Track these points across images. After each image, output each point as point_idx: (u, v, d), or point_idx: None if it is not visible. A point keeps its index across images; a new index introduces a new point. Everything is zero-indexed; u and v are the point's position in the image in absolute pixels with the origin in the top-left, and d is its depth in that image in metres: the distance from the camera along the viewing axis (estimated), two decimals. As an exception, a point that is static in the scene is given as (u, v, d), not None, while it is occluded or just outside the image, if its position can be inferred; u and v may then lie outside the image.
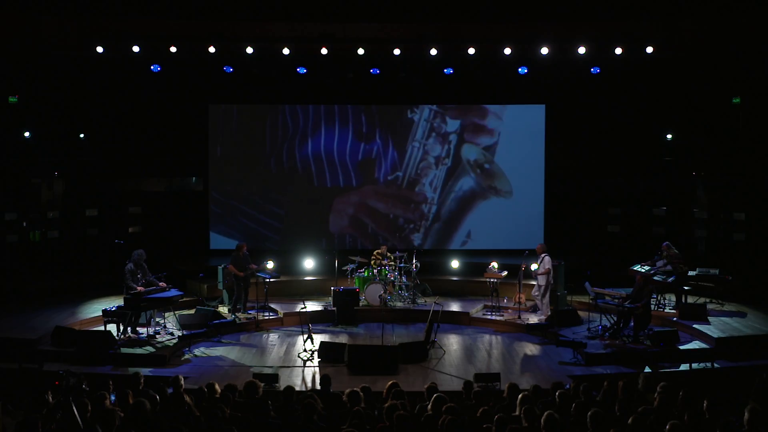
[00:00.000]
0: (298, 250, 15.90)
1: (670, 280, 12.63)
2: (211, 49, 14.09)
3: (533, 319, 12.91)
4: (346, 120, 16.68)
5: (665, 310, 12.95)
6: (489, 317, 13.25)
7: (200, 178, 17.09)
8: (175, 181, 17.42)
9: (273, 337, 12.39)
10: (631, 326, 11.39)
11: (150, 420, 5.95)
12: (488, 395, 7.85)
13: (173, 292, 11.87)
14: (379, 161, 16.77)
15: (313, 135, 16.68)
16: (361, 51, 14.26)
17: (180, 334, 11.46)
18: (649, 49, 14.11)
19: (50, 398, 6.57)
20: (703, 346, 11.01)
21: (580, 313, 12.81)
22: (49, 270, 15.08)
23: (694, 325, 11.77)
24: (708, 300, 13.32)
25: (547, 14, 14.51)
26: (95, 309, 12.74)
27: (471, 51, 14.28)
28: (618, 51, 14.10)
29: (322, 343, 11.09)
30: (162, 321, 12.28)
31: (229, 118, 16.68)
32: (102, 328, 11.38)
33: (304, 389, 9.51)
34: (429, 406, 6.43)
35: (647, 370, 10.20)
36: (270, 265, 13.80)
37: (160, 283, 11.79)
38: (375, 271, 13.81)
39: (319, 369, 10.50)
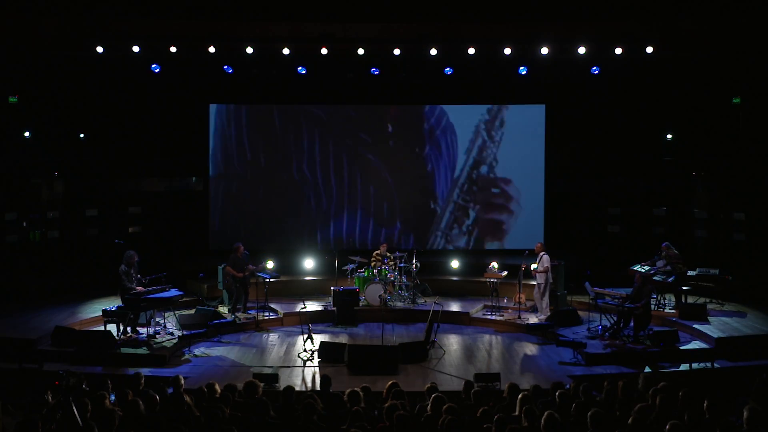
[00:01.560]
0: (298, 250, 15.90)
1: (670, 280, 12.64)
2: (211, 49, 14.08)
3: (533, 319, 12.91)
4: (368, 207, 16.63)
5: (665, 310, 12.96)
6: (489, 317, 13.26)
7: (200, 178, 17.09)
8: (175, 181, 17.41)
9: (273, 337, 12.39)
10: (631, 326, 11.40)
11: (145, 420, 5.96)
12: (488, 395, 7.84)
13: (173, 292, 11.87)
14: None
15: (336, 218, 16.62)
16: (361, 51, 14.26)
17: (180, 334, 11.47)
18: (649, 49, 14.10)
19: (50, 398, 6.57)
20: (703, 346, 11.01)
21: (580, 313, 12.81)
22: (49, 270, 15.07)
23: (694, 325, 11.78)
24: (708, 300, 13.32)
25: (547, 14, 14.50)
26: (95, 309, 12.75)
27: (471, 51, 14.27)
28: (618, 51, 14.09)
29: (322, 343, 11.09)
30: (162, 321, 12.28)
31: (229, 118, 16.66)
32: (102, 328, 11.39)
33: (304, 389, 9.52)
34: (428, 406, 6.43)
35: (647, 370, 10.20)
36: (270, 265, 13.81)
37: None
38: (375, 271, 13.81)
39: (319, 369, 10.50)
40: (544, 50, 14.07)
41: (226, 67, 14.82)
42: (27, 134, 15.50)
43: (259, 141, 16.66)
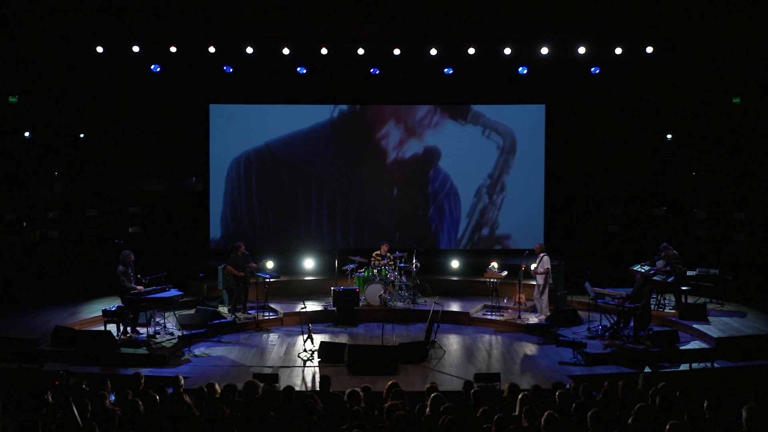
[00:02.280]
0: (298, 250, 15.90)
1: (670, 280, 12.65)
2: (211, 49, 14.08)
3: (533, 319, 12.91)
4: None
5: (665, 310, 12.96)
6: (489, 317, 13.26)
7: (200, 178, 17.09)
8: (175, 181, 17.42)
9: (273, 337, 12.39)
10: (631, 326, 11.40)
11: (145, 420, 5.96)
12: (488, 395, 7.85)
13: (173, 292, 11.87)
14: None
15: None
16: (361, 51, 14.27)
17: (180, 334, 11.47)
18: (649, 49, 14.10)
19: (50, 398, 6.57)
20: (703, 346, 11.02)
21: (580, 313, 12.80)
22: (49, 270, 15.07)
23: (694, 325, 11.78)
24: (708, 300, 13.32)
25: (547, 14, 14.50)
26: (95, 309, 12.75)
27: (471, 51, 14.28)
28: (618, 51, 14.10)
29: (322, 343, 11.09)
30: (162, 321, 12.28)
31: (229, 118, 16.64)
32: (102, 328, 11.39)
33: (304, 389, 9.52)
34: (427, 406, 6.43)
35: (647, 370, 10.20)
36: (270, 264, 13.81)
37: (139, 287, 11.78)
38: (375, 271, 13.81)
39: (319, 369, 10.50)
40: (544, 50, 14.07)
41: (226, 67, 14.83)
42: (27, 134, 15.51)
43: (268, 203, 16.67)
